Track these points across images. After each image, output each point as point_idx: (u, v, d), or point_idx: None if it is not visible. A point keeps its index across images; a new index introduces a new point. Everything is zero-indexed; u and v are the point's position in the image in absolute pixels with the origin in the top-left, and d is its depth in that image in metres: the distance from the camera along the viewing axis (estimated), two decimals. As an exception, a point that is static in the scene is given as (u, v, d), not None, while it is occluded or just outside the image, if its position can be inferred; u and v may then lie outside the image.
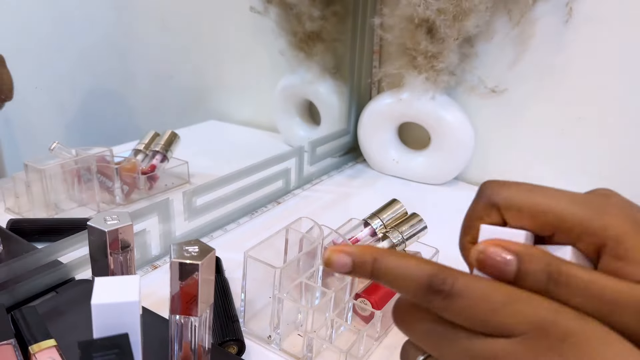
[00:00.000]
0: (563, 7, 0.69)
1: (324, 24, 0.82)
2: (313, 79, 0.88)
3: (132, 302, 0.33)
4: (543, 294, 0.23)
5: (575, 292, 0.23)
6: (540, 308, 0.23)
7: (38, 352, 0.36)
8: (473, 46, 0.77)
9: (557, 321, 0.22)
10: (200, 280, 0.34)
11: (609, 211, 0.24)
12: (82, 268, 0.50)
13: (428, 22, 0.71)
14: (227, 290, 0.50)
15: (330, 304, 0.45)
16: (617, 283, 0.23)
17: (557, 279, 0.23)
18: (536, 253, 0.24)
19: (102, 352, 0.31)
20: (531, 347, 0.22)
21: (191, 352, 0.37)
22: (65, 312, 0.44)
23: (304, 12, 0.81)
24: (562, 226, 0.25)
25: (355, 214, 0.57)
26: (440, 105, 0.77)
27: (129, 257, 0.39)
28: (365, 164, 0.90)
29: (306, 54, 0.85)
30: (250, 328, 0.47)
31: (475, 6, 0.69)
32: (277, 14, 0.84)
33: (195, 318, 0.36)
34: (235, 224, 0.67)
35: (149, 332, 0.39)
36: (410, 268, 0.25)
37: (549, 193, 0.26)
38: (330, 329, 0.46)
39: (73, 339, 0.33)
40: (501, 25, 0.75)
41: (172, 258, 0.33)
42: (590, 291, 0.23)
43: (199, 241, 0.36)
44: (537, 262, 0.24)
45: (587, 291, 0.23)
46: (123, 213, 0.39)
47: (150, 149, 0.71)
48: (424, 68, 0.75)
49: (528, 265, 0.24)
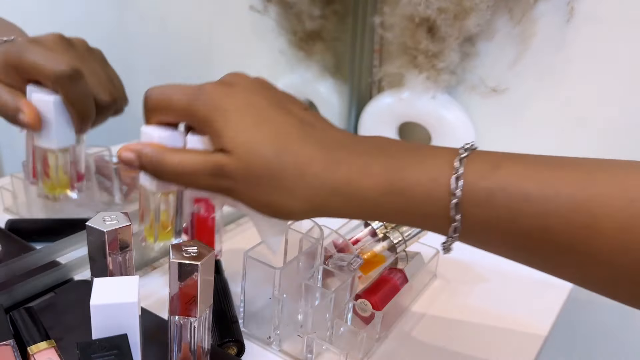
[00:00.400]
0: (564, 6, 0.69)
1: (324, 23, 0.82)
2: (313, 78, 0.87)
3: (131, 303, 0.33)
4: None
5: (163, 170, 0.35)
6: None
7: (37, 353, 0.36)
8: (474, 45, 0.77)
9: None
10: (200, 281, 0.34)
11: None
12: (81, 268, 0.49)
13: (429, 21, 0.71)
14: (226, 291, 0.49)
15: (330, 304, 0.45)
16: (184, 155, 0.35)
17: (149, 162, 0.35)
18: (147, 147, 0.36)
19: (101, 353, 0.31)
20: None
21: (190, 353, 0.37)
22: (64, 312, 0.44)
23: (304, 11, 0.80)
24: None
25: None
26: (441, 104, 0.77)
27: (127, 258, 0.39)
28: (365, 164, 0.90)
29: (306, 53, 0.85)
30: (249, 329, 0.47)
31: (476, 5, 0.69)
32: (277, 12, 0.84)
33: (195, 319, 0.36)
34: (235, 224, 0.67)
35: (148, 333, 0.39)
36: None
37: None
38: (330, 330, 0.45)
39: (72, 339, 0.33)
40: (502, 24, 0.75)
41: (171, 258, 0.33)
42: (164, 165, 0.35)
43: (198, 242, 0.35)
44: (143, 157, 0.35)
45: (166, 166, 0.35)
46: (122, 213, 0.39)
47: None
48: (425, 67, 0.75)
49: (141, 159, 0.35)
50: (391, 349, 0.47)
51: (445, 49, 0.73)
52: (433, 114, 0.78)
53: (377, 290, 0.48)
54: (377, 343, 0.47)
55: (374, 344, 0.46)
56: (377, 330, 0.46)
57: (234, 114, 0.33)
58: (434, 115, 0.78)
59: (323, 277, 0.49)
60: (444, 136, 0.78)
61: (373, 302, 0.47)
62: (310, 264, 0.48)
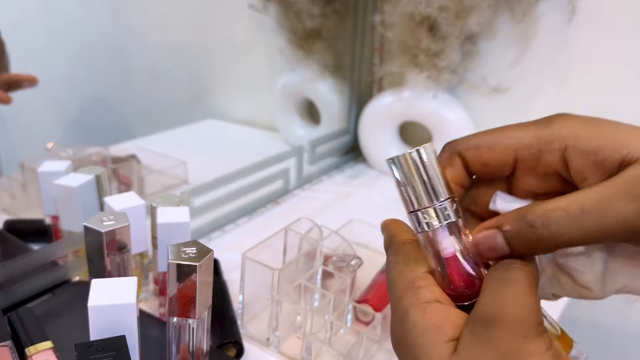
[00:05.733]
0: (566, 5, 0.69)
1: (324, 22, 0.82)
2: (313, 78, 0.87)
3: (129, 304, 0.32)
4: (537, 244, 0.24)
5: (558, 223, 0.23)
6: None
7: (34, 354, 0.36)
8: (475, 44, 0.77)
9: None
10: (198, 282, 0.34)
11: (556, 119, 0.26)
12: (79, 269, 0.49)
13: (430, 19, 0.71)
14: (225, 292, 0.49)
15: (329, 306, 0.45)
16: (588, 190, 0.23)
17: (534, 222, 0.24)
18: (507, 214, 0.25)
19: (99, 354, 0.31)
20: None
21: (189, 354, 0.37)
22: (62, 313, 0.44)
23: (304, 10, 0.80)
24: (520, 146, 0.26)
25: (356, 215, 0.57)
26: (442, 103, 0.77)
27: (126, 259, 0.39)
28: (365, 164, 0.90)
29: (306, 52, 0.85)
30: (248, 330, 0.47)
31: (477, 4, 0.69)
32: (277, 11, 0.83)
33: (193, 320, 0.35)
34: (234, 224, 0.67)
35: (146, 334, 0.38)
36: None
37: (501, 127, 0.26)
38: (330, 332, 0.45)
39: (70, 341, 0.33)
40: (503, 23, 0.74)
41: (169, 259, 0.33)
42: (571, 211, 0.23)
43: (197, 242, 0.35)
44: (512, 220, 0.24)
45: (568, 212, 0.23)
46: (120, 214, 0.38)
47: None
48: (426, 66, 0.74)
49: (509, 227, 0.24)
50: (391, 351, 0.47)
51: (446, 47, 0.72)
52: (434, 114, 0.77)
53: (375, 292, 0.48)
54: (377, 345, 0.46)
55: (373, 346, 0.46)
56: (377, 332, 0.46)
57: None
58: (435, 114, 0.77)
59: (322, 278, 0.48)
60: (444, 136, 0.78)
61: (373, 304, 0.46)
62: (309, 265, 0.48)
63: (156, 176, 0.73)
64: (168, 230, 0.41)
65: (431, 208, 0.26)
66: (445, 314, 0.24)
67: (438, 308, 0.25)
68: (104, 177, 0.47)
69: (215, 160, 0.84)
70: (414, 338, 0.24)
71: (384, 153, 0.85)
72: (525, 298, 0.23)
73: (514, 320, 0.22)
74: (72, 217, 0.46)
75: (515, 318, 0.22)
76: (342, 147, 0.89)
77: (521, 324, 0.22)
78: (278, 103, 0.93)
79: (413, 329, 0.24)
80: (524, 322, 0.22)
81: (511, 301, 0.23)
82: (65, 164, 0.50)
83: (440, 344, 0.24)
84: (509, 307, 0.23)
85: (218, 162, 0.81)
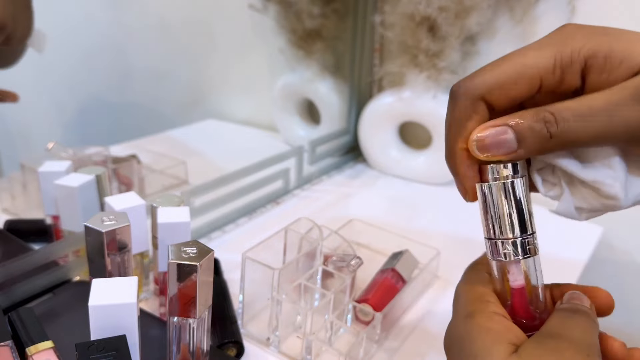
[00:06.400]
0: (566, 5, 0.69)
1: (324, 22, 0.82)
2: (313, 78, 0.87)
3: (130, 304, 0.33)
4: (547, 142, 0.25)
5: (572, 119, 0.24)
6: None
7: (35, 354, 0.36)
8: (475, 44, 0.77)
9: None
10: (199, 282, 0.34)
11: (570, 33, 0.26)
12: (79, 269, 0.49)
13: (429, 19, 0.71)
14: (225, 291, 0.49)
15: (329, 305, 0.45)
16: (598, 93, 0.25)
17: (550, 119, 0.25)
18: (521, 112, 0.26)
19: (100, 354, 0.31)
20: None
21: (189, 354, 0.37)
22: (63, 313, 0.44)
23: (304, 10, 0.80)
24: (544, 72, 0.26)
25: (356, 215, 0.57)
26: (441, 104, 0.77)
27: (126, 258, 0.39)
28: (365, 164, 0.90)
29: (306, 52, 0.85)
30: (248, 330, 0.47)
31: (477, 4, 0.69)
32: (277, 11, 0.84)
33: (194, 320, 0.35)
34: (234, 224, 0.67)
35: (146, 334, 0.39)
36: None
37: (512, 56, 0.27)
38: (330, 331, 0.45)
39: (70, 340, 0.33)
40: (503, 23, 0.74)
41: (170, 259, 0.33)
42: (581, 110, 0.24)
43: (197, 242, 0.35)
44: (527, 117, 0.25)
45: (579, 111, 0.24)
46: (121, 214, 0.38)
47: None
48: (426, 66, 0.74)
49: (521, 125, 0.25)
50: (391, 350, 0.47)
51: (446, 48, 0.72)
52: (434, 114, 0.77)
53: (375, 292, 0.48)
54: (377, 345, 0.47)
55: (373, 346, 0.46)
56: (377, 331, 0.46)
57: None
58: (434, 114, 0.77)
59: (322, 278, 0.48)
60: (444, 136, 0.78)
61: (373, 304, 0.47)
62: (309, 265, 0.48)
63: (156, 176, 0.73)
64: (168, 230, 0.41)
65: (513, 240, 0.26)
66: (509, 326, 0.26)
67: (503, 320, 0.27)
68: (105, 177, 0.48)
69: (215, 160, 0.84)
70: (477, 335, 0.26)
71: (384, 153, 0.85)
72: (592, 329, 0.26)
73: (581, 340, 0.25)
74: (73, 217, 0.46)
75: (582, 340, 0.25)
76: (342, 147, 0.89)
77: (587, 345, 0.25)
78: (278, 103, 0.93)
79: (476, 328, 0.26)
80: (590, 345, 0.25)
81: (578, 327, 0.25)
82: (66, 164, 0.50)
83: (501, 343, 0.25)
84: (576, 332, 0.25)
85: (218, 162, 0.81)
